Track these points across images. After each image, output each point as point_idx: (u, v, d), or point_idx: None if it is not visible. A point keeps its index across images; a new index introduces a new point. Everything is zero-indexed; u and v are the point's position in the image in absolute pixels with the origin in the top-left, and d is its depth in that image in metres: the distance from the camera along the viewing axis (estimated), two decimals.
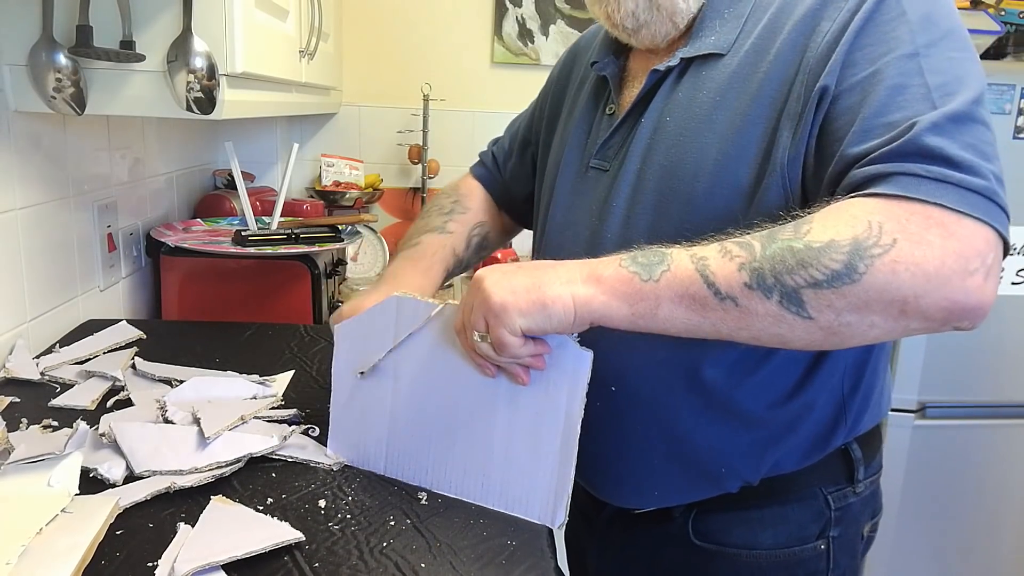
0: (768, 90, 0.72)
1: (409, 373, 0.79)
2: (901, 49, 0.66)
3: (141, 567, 0.64)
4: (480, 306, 0.68)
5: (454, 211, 1.07)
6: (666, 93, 0.80)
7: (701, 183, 0.74)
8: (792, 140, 0.70)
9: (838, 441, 0.83)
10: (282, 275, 1.45)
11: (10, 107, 1.05)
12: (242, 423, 0.84)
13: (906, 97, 0.64)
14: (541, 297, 0.66)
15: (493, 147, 1.15)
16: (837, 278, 0.59)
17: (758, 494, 0.83)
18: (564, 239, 0.88)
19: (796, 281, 0.60)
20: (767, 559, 0.84)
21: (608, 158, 0.84)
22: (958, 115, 0.62)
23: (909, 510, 1.97)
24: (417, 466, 0.80)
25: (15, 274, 1.10)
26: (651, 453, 0.83)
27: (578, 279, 0.67)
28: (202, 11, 1.00)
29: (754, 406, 0.79)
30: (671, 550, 0.87)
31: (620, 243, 0.79)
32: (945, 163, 0.60)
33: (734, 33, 0.77)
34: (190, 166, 1.80)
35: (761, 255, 0.62)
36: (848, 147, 0.65)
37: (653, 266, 0.65)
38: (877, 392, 0.86)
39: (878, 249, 0.58)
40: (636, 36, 0.82)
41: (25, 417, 0.90)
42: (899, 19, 0.67)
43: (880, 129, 0.63)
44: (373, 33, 2.14)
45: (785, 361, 0.78)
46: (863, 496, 0.87)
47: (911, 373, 1.90)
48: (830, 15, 0.70)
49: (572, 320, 0.66)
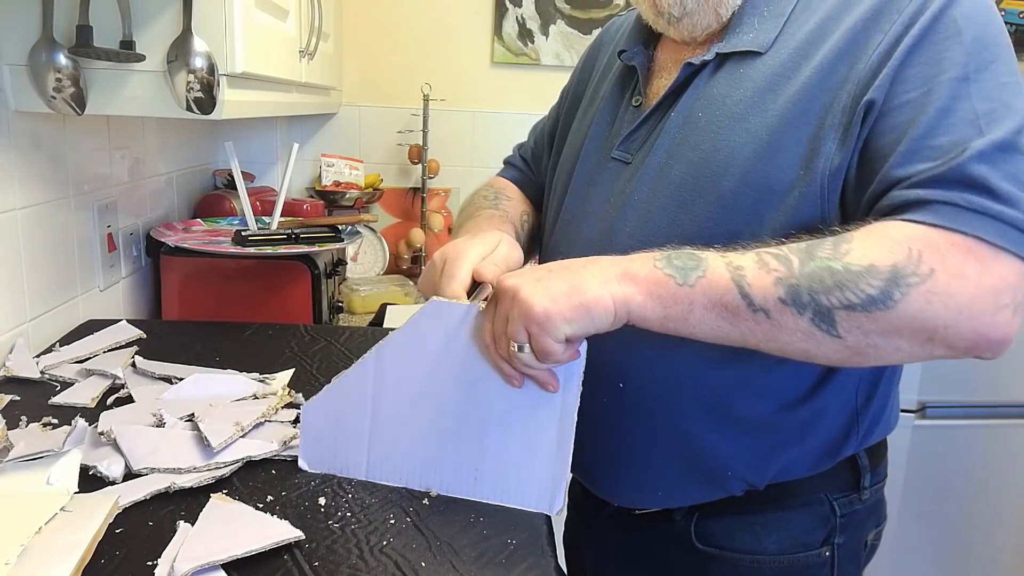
0: (810, 95, 0.71)
1: (392, 375, 0.77)
2: (953, 71, 0.65)
3: (141, 566, 0.64)
4: (520, 316, 0.66)
5: (499, 198, 1.03)
6: (699, 87, 0.78)
7: (729, 181, 0.73)
8: (838, 151, 0.69)
9: (848, 451, 0.82)
10: (282, 275, 1.45)
11: (10, 107, 1.05)
12: (242, 434, 0.83)
13: (953, 121, 0.63)
14: (583, 301, 0.65)
15: (519, 150, 1.13)
16: (872, 303, 0.59)
17: (762, 498, 0.82)
18: (578, 231, 0.86)
19: (831, 301, 0.60)
20: (770, 565, 0.83)
21: (632, 150, 0.82)
22: (1004, 144, 0.62)
23: (909, 510, 1.96)
24: (403, 468, 0.79)
25: (15, 274, 1.10)
26: (655, 452, 0.82)
27: (613, 278, 0.66)
28: (202, 11, 1.00)
29: (763, 409, 0.78)
30: (672, 553, 0.86)
31: (635, 238, 0.78)
32: (987, 194, 0.60)
33: (774, 32, 0.75)
34: (190, 166, 1.80)
35: (800, 271, 0.62)
36: (892, 168, 0.65)
37: (689, 270, 0.64)
38: (890, 405, 0.85)
39: (915, 278, 0.59)
40: (677, 26, 0.80)
41: (25, 415, 0.90)
42: (954, 39, 0.66)
43: (926, 152, 0.63)
44: (373, 33, 2.14)
45: (798, 367, 0.76)
46: (868, 504, 0.86)
47: (911, 373, 1.89)
48: (883, 27, 0.69)
49: (612, 320, 0.66)
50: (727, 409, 0.78)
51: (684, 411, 0.79)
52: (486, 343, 0.72)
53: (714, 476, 0.81)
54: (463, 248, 0.78)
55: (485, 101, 2.18)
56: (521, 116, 1.18)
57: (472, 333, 0.74)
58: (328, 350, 1.19)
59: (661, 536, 0.87)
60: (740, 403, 0.78)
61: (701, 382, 0.78)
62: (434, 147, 2.12)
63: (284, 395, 0.96)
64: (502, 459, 0.76)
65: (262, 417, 0.88)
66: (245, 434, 0.84)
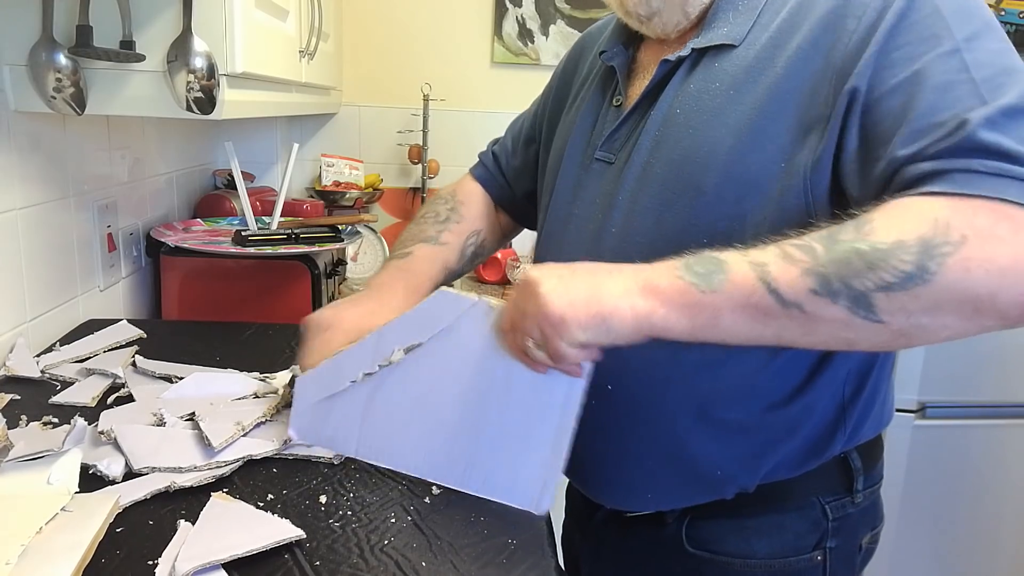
0: (787, 86, 0.70)
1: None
2: (941, 46, 0.63)
3: (142, 565, 0.64)
4: (536, 315, 0.65)
5: (449, 219, 1.04)
6: (677, 84, 0.78)
7: (711, 176, 0.72)
8: (820, 142, 0.67)
9: (836, 448, 0.81)
10: (282, 275, 1.45)
11: (10, 107, 1.05)
12: (243, 433, 0.84)
13: (954, 95, 0.61)
14: (601, 310, 0.63)
15: (494, 147, 1.13)
16: (909, 279, 0.56)
17: (753, 502, 0.81)
18: (566, 234, 0.86)
19: (866, 285, 0.57)
20: (762, 569, 0.82)
21: (614, 150, 0.82)
22: (1012, 109, 0.59)
23: (909, 510, 1.96)
24: (394, 450, 0.79)
25: (15, 274, 1.10)
26: (644, 454, 0.81)
27: (635, 290, 0.64)
28: (202, 11, 1.00)
29: (751, 409, 0.78)
30: (664, 557, 0.86)
31: (623, 238, 0.78)
32: (1004, 158, 0.58)
33: (747, 25, 0.75)
34: (190, 166, 1.80)
35: (826, 258, 0.59)
36: (897, 149, 0.62)
37: (711, 275, 0.62)
38: (880, 401, 0.84)
39: (948, 247, 0.55)
40: (648, 24, 0.80)
41: (25, 414, 0.90)
42: (934, 15, 0.65)
43: (931, 129, 0.61)
44: (373, 33, 2.14)
45: (787, 365, 0.76)
46: (862, 507, 0.85)
47: (911, 373, 1.90)
48: (854, 12, 0.68)
49: (630, 334, 0.64)
50: (715, 411, 0.78)
51: (672, 413, 0.79)
52: (503, 330, 0.72)
53: (703, 478, 0.80)
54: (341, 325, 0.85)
55: (485, 101, 2.18)
56: None
57: (476, 328, 0.74)
58: None
59: (653, 539, 0.86)
60: (728, 404, 0.77)
61: (689, 384, 0.77)
62: (434, 147, 2.12)
63: (285, 394, 0.96)
64: (495, 454, 0.76)
65: (263, 416, 0.88)
66: (246, 433, 0.84)
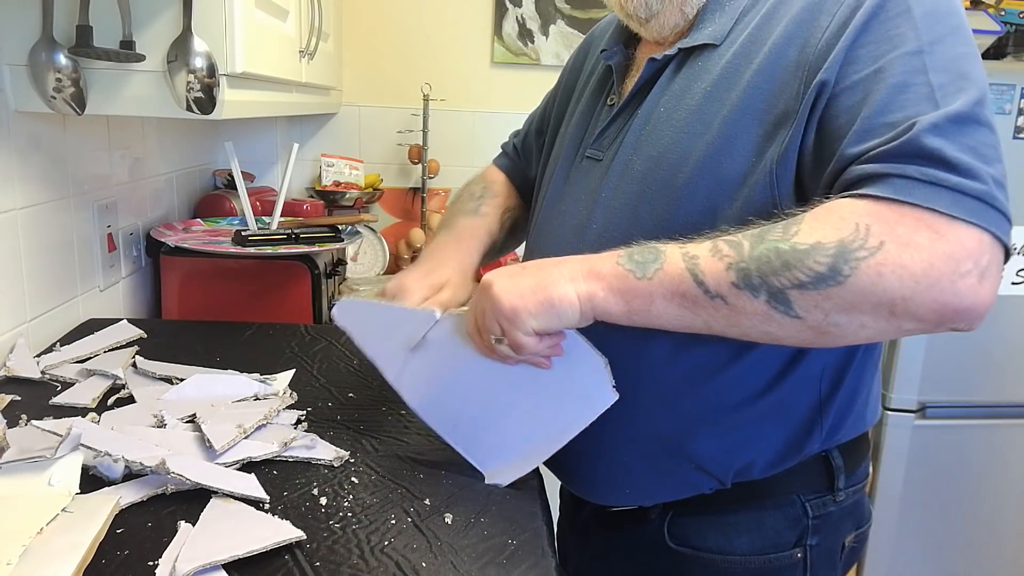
0: (761, 83, 0.71)
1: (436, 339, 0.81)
2: (905, 46, 0.64)
3: (142, 566, 0.64)
4: (492, 311, 0.71)
5: (484, 196, 1.07)
6: (664, 83, 0.80)
7: (684, 174, 0.74)
8: (786, 138, 0.69)
9: (815, 445, 0.81)
10: (282, 275, 1.45)
11: (10, 107, 1.05)
12: (244, 436, 0.84)
13: (908, 96, 0.63)
14: (548, 297, 0.69)
15: (514, 138, 1.16)
16: (821, 280, 0.60)
17: (733, 498, 0.81)
18: (552, 229, 0.88)
19: (781, 282, 0.61)
20: (742, 565, 0.82)
21: (603, 148, 0.84)
22: (960, 116, 0.61)
23: (909, 510, 1.96)
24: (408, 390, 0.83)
25: (15, 274, 1.10)
26: (621, 449, 0.82)
27: (580, 276, 0.69)
28: (202, 11, 1.00)
29: (725, 401, 0.78)
30: (647, 552, 0.86)
31: (603, 234, 0.79)
32: (942, 166, 0.59)
33: (729, 24, 0.77)
34: (190, 166, 1.80)
35: (749, 255, 0.63)
36: (847, 146, 0.64)
37: (647, 264, 0.67)
38: (861, 400, 0.84)
39: (864, 252, 0.58)
40: (647, 26, 0.82)
41: (25, 415, 0.90)
42: (904, 15, 0.66)
43: (881, 129, 0.62)
44: (373, 33, 2.14)
45: (759, 358, 0.76)
46: (844, 506, 0.85)
47: (911, 373, 1.90)
48: (829, 9, 0.69)
49: (578, 316, 0.69)
50: (690, 404, 0.78)
51: (648, 407, 0.79)
52: (470, 334, 0.77)
53: (678, 473, 0.81)
54: (408, 289, 0.86)
55: (485, 101, 2.18)
56: (521, 116, 1.18)
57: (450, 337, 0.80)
58: (328, 350, 1.19)
59: (637, 535, 0.87)
60: (702, 398, 0.78)
61: (664, 376, 0.78)
62: (434, 147, 2.12)
63: (285, 397, 0.96)
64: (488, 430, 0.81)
65: (264, 419, 0.88)
66: (247, 436, 0.84)
